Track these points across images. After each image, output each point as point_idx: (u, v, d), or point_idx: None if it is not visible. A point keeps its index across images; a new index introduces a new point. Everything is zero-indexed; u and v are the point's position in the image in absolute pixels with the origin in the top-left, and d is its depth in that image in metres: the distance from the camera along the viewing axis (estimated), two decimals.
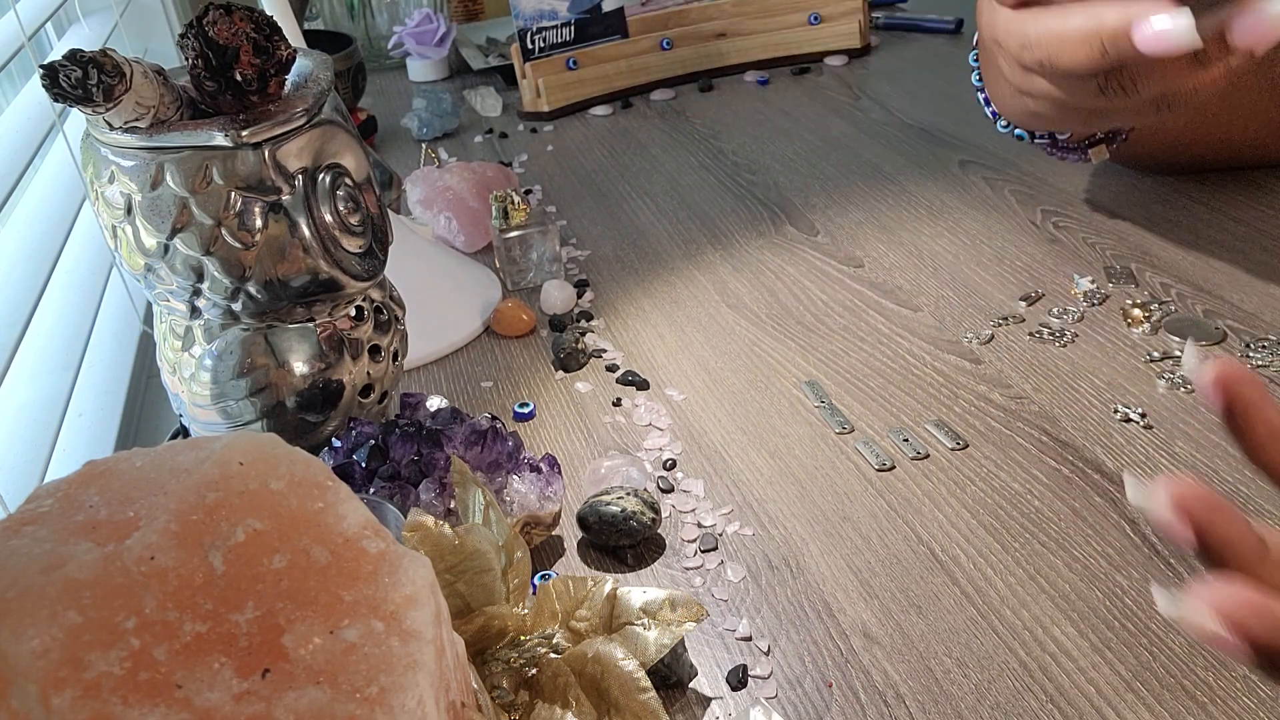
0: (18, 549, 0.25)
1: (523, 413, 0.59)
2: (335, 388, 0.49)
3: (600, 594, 0.40)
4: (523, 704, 0.38)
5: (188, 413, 0.51)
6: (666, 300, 0.69)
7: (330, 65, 0.49)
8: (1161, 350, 0.57)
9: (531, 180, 0.90)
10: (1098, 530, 0.46)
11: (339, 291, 0.48)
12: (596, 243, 0.78)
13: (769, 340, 0.63)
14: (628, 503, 0.47)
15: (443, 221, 0.77)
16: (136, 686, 0.24)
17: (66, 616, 0.24)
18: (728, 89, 1.08)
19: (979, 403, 0.55)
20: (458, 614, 0.40)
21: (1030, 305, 0.63)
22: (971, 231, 0.73)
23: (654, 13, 1.09)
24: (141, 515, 0.27)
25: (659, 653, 0.38)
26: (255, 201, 0.44)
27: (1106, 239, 0.70)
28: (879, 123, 0.95)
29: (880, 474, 0.51)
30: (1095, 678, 0.39)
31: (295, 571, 0.27)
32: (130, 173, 0.44)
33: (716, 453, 0.54)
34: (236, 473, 0.28)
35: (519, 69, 1.05)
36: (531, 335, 0.67)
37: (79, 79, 0.39)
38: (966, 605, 0.43)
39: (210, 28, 0.42)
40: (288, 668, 0.25)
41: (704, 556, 0.47)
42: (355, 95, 1.03)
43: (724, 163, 0.90)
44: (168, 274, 0.46)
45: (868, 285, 0.68)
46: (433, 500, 0.46)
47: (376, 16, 1.26)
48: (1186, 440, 0.51)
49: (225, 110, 0.44)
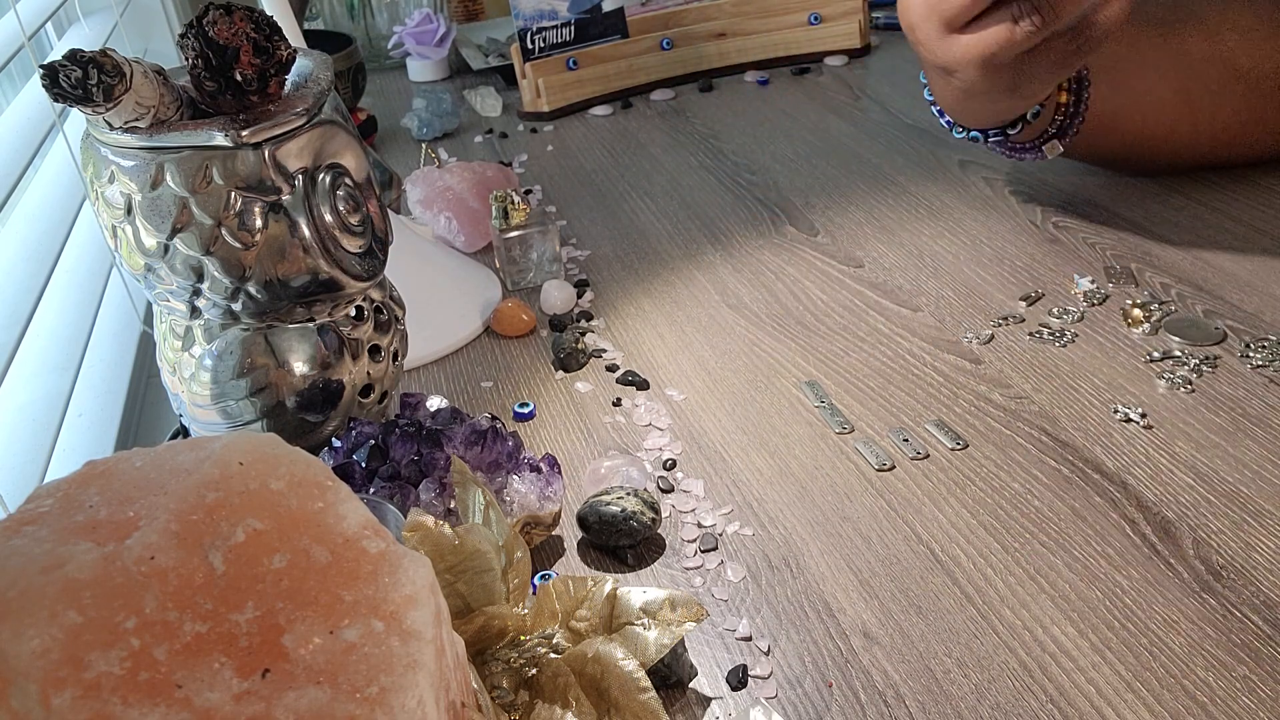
0: (18, 549, 0.25)
1: (523, 413, 0.59)
2: (335, 388, 0.49)
3: (600, 594, 0.40)
4: (523, 704, 0.38)
5: (188, 413, 0.51)
6: (666, 300, 0.69)
7: (330, 65, 0.49)
8: (1161, 350, 0.57)
9: (531, 180, 0.90)
10: (1098, 530, 0.46)
11: (339, 291, 0.48)
12: (596, 243, 0.78)
13: (769, 340, 0.63)
14: (628, 503, 0.47)
15: (443, 221, 0.77)
16: (136, 686, 0.24)
17: (66, 616, 0.24)
18: (728, 89, 1.08)
19: (979, 403, 0.55)
20: (458, 614, 0.40)
21: (1030, 305, 0.63)
22: (971, 231, 0.73)
23: (654, 13, 1.09)
24: (141, 515, 0.27)
25: (659, 653, 0.38)
26: (255, 201, 0.44)
27: (1106, 239, 0.70)
28: (879, 123, 0.95)
29: (880, 474, 0.51)
30: (1095, 678, 0.39)
31: (295, 571, 0.27)
32: (130, 173, 0.44)
33: (716, 453, 0.54)
34: (236, 473, 0.28)
35: (519, 69, 1.05)
36: (531, 335, 0.67)
37: (79, 79, 0.39)
38: (966, 605, 0.43)
39: (210, 28, 0.42)
40: (288, 668, 0.25)
41: (704, 556, 0.47)
42: (355, 95, 1.03)
43: (724, 163, 0.90)
44: (168, 274, 0.46)
45: (868, 285, 0.68)
46: (433, 500, 0.46)
47: (376, 16, 1.26)
48: (1186, 440, 0.51)
49: (225, 110, 0.44)
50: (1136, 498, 0.48)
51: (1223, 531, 0.45)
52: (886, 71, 1.08)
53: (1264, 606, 0.41)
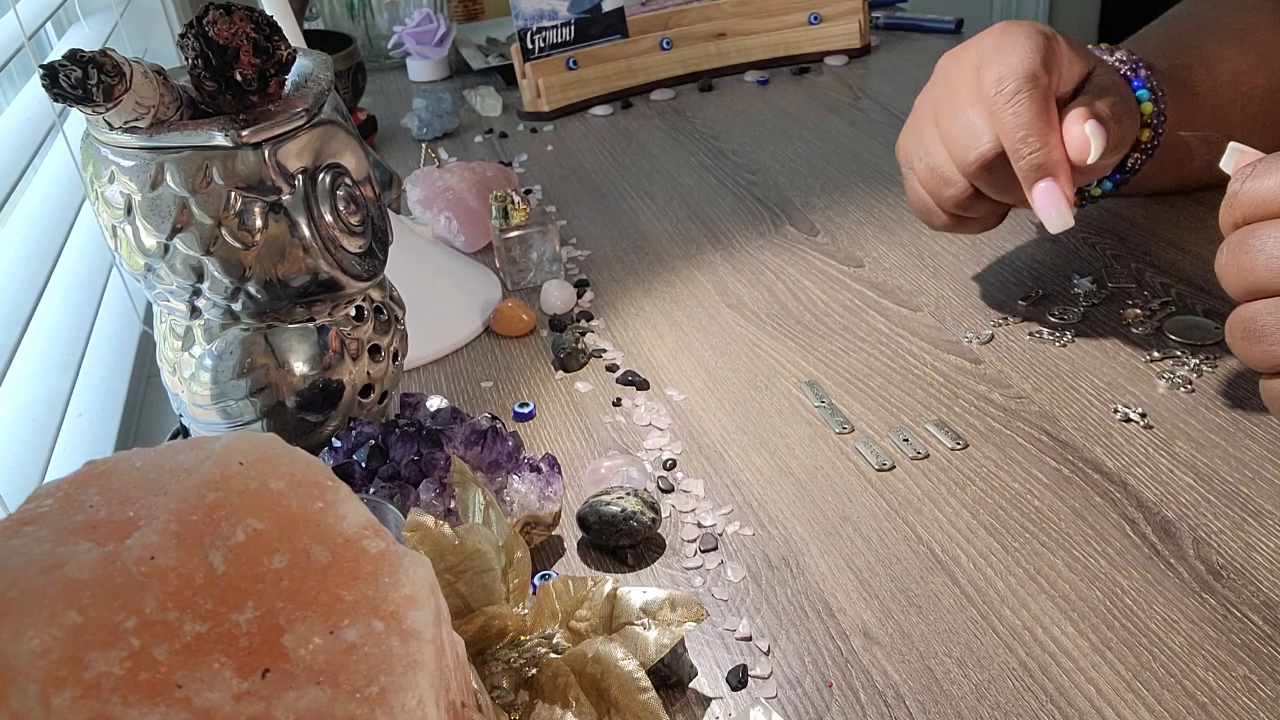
0: (18, 549, 0.25)
1: (523, 413, 0.59)
2: (335, 388, 0.49)
3: (600, 594, 0.40)
4: (523, 704, 0.38)
5: (188, 413, 0.51)
6: (666, 300, 0.69)
7: (330, 65, 0.49)
8: (1161, 350, 0.57)
9: (531, 180, 0.90)
10: (1098, 530, 0.46)
11: (339, 291, 0.48)
12: (596, 243, 0.78)
13: (769, 340, 0.63)
14: (628, 503, 0.47)
15: (443, 221, 0.77)
16: (136, 686, 0.24)
17: (66, 616, 0.24)
18: (728, 89, 1.08)
19: (979, 403, 0.55)
20: (458, 614, 0.40)
21: (1030, 305, 0.63)
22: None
23: (654, 13, 1.09)
24: (141, 515, 0.27)
25: (659, 653, 0.38)
26: (255, 201, 0.44)
27: (1106, 239, 0.70)
28: (879, 123, 0.95)
29: (880, 474, 0.51)
30: (1095, 678, 0.39)
31: (295, 571, 0.27)
32: (130, 173, 0.44)
33: (716, 453, 0.54)
34: (236, 473, 0.28)
35: (519, 69, 1.05)
36: (531, 335, 0.67)
37: (79, 79, 0.39)
38: (966, 605, 0.43)
39: (210, 28, 0.42)
40: (288, 668, 0.25)
41: (704, 556, 0.47)
42: (355, 95, 1.03)
43: (724, 163, 0.90)
44: (168, 274, 0.46)
45: (868, 285, 0.68)
46: (433, 500, 0.46)
47: (376, 16, 1.26)
48: (1186, 440, 0.51)
49: (225, 110, 0.44)
50: (1136, 498, 0.48)
51: (1223, 531, 0.45)
52: (886, 71, 1.08)
53: (1264, 606, 0.41)
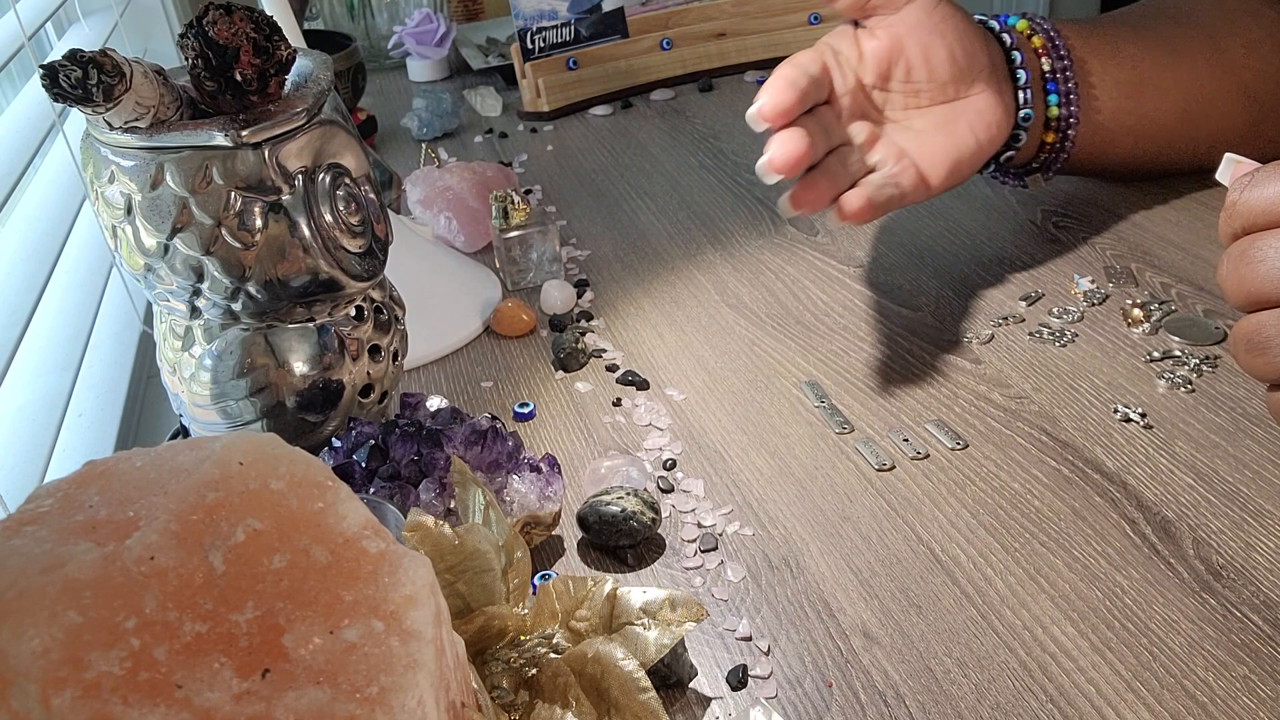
0: (18, 549, 0.25)
1: (523, 413, 0.59)
2: (335, 388, 0.49)
3: (600, 594, 0.40)
4: (523, 704, 0.38)
5: (188, 413, 0.51)
6: (666, 300, 0.69)
7: (330, 65, 0.49)
8: (1161, 350, 0.57)
9: (531, 180, 0.90)
10: (1098, 530, 0.46)
11: (339, 291, 0.48)
12: (596, 243, 0.78)
13: (769, 340, 0.63)
14: (628, 503, 0.47)
15: (443, 221, 0.77)
16: (136, 686, 0.24)
17: (66, 616, 0.24)
18: (728, 89, 1.08)
19: (979, 403, 0.55)
20: (458, 614, 0.40)
21: (1030, 305, 0.63)
22: (971, 231, 0.73)
23: (654, 13, 1.09)
24: (141, 515, 0.27)
25: (659, 653, 0.38)
26: (255, 201, 0.44)
27: (1106, 239, 0.70)
28: None
29: (880, 474, 0.51)
30: (1095, 678, 0.39)
31: (295, 571, 0.27)
32: (130, 173, 0.44)
33: (716, 453, 0.54)
34: (236, 473, 0.28)
35: (519, 69, 1.05)
36: (531, 335, 0.67)
37: (79, 79, 0.39)
38: (966, 605, 0.43)
39: (210, 28, 0.42)
40: (288, 668, 0.25)
41: (704, 556, 0.47)
42: (355, 95, 1.03)
43: (724, 163, 0.90)
44: (168, 274, 0.46)
45: (868, 285, 0.68)
46: (433, 500, 0.46)
47: (376, 16, 1.26)
48: (1186, 440, 0.51)
49: (225, 110, 0.44)
50: (1136, 498, 0.48)
51: (1223, 531, 0.45)
52: None
53: (1264, 606, 0.41)
